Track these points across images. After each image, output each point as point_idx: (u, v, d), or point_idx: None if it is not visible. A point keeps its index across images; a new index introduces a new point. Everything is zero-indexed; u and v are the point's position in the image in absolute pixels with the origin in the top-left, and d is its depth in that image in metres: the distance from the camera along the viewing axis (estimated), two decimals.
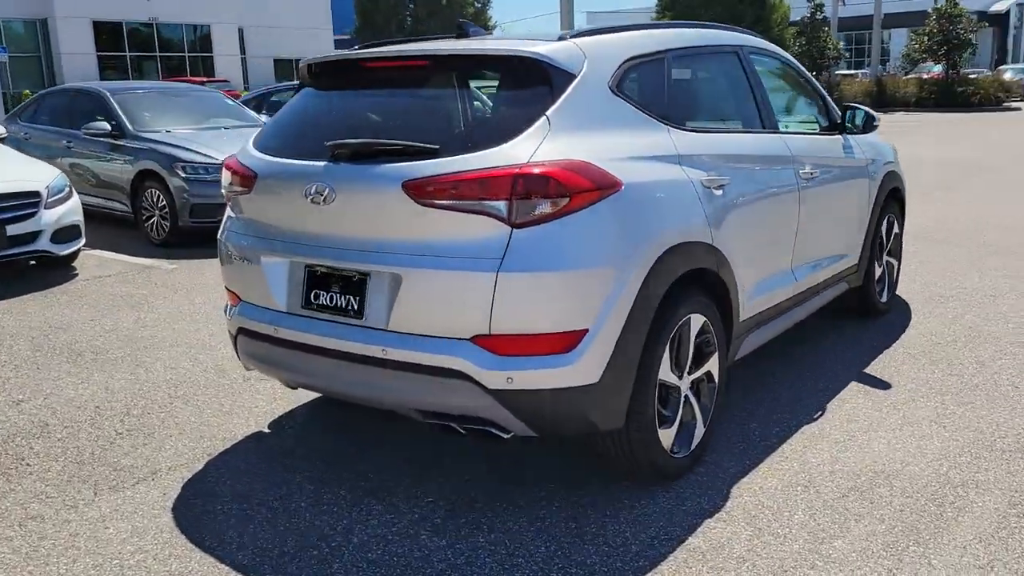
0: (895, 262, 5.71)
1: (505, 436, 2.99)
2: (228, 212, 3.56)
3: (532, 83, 3.06)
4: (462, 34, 3.50)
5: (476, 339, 2.86)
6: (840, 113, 4.81)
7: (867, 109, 4.90)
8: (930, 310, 5.73)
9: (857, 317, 5.48)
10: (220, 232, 3.59)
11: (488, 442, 3.57)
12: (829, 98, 4.90)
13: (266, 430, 4.05)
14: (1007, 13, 57.40)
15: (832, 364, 4.73)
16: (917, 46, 36.13)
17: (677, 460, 3.32)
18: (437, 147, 2.90)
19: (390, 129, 3.23)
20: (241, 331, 3.46)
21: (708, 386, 3.49)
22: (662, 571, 2.81)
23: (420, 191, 2.86)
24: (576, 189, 2.81)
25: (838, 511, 3.16)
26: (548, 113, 2.97)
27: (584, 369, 2.88)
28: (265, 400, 4.39)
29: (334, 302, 3.11)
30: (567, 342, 2.86)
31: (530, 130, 2.90)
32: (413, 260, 2.91)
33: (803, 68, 4.93)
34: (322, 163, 3.09)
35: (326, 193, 3.03)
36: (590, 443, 3.23)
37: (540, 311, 2.83)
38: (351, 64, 3.47)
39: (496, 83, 3.26)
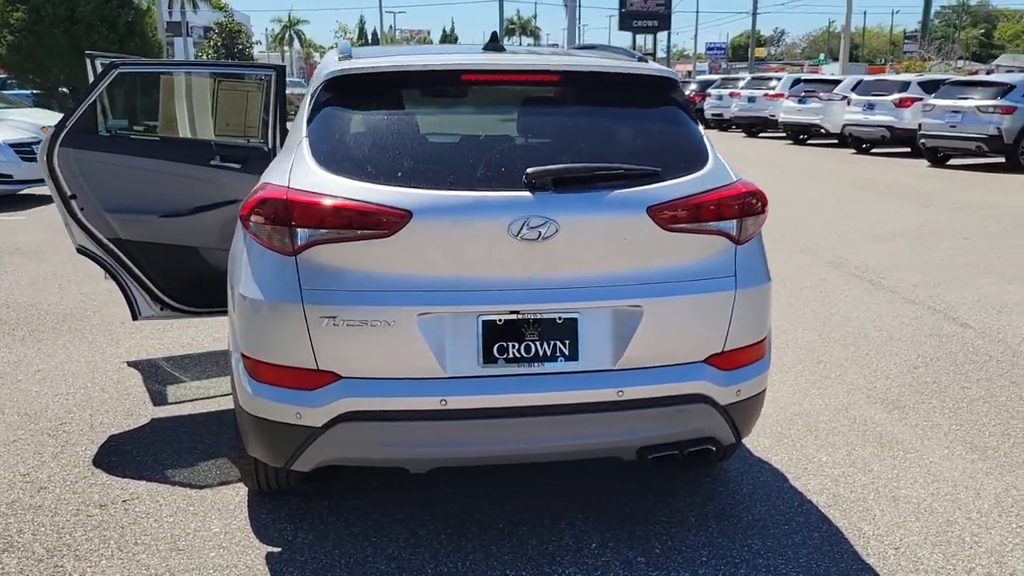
0: None
1: (714, 449, 3.10)
2: (296, 263, 2.72)
3: (671, 102, 3.17)
4: (496, 46, 3.31)
5: (710, 359, 2.92)
6: None
7: None
8: None
9: None
10: (265, 292, 2.75)
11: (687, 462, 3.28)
12: None
13: None
14: None
15: None
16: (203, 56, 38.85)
17: None
18: (660, 170, 2.88)
19: (570, 151, 2.95)
20: (349, 416, 2.74)
21: None
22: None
23: (666, 216, 2.82)
24: (766, 205, 3.04)
25: None
26: (703, 132, 3.14)
27: (768, 370, 3.15)
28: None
29: (532, 352, 2.77)
30: (764, 348, 3.11)
31: (710, 149, 3.06)
32: (655, 289, 2.83)
33: None
34: (528, 193, 2.72)
35: (544, 227, 2.71)
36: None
37: (758, 322, 3.04)
38: (461, 76, 3.06)
39: (637, 101, 3.19)
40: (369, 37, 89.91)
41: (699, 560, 3.08)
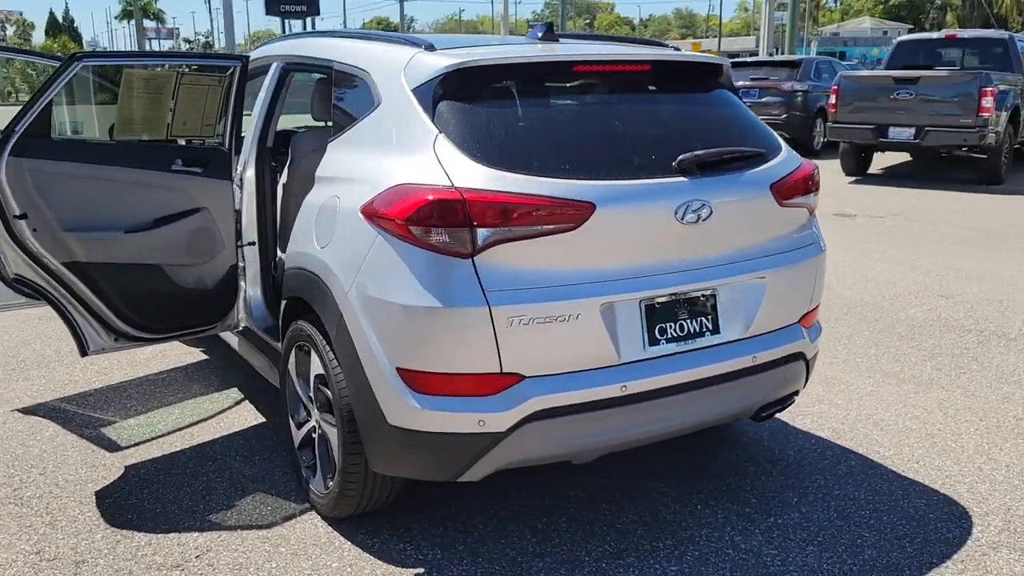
0: None
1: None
2: (474, 265, 2.63)
3: (729, 88, 3.41)
4: (552, 36, 3.38)
5: (801, 319, 3.26)
6: None
7: None
8: None
9: None
10: (441, 298, 2.61)
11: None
12: None
13: None
14: None
15: None
16: None
17: None
18: (763, 151, 3.17)
19: (692, 136, 3.10)
20: (536, 416, 2.70)
21: None
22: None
23: (782, 192, 3.11)
24: None
25: None
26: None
27: None
28: None
29: (686, 330, 2.92)
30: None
31: (774, 130, 3.37)
32: (774, 260, 3.10)
33: None
34: (684, 178, 2.88)
35: (703, 210, 2.87)
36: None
37: (823, 282, 3.39)
38: (573, 67, 3.12)
39: (708, 87, 3.35)
40: None
41: (793, 502, 3.41)
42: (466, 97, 2.88)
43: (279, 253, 4.24)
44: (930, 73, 12.12)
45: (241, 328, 4.11)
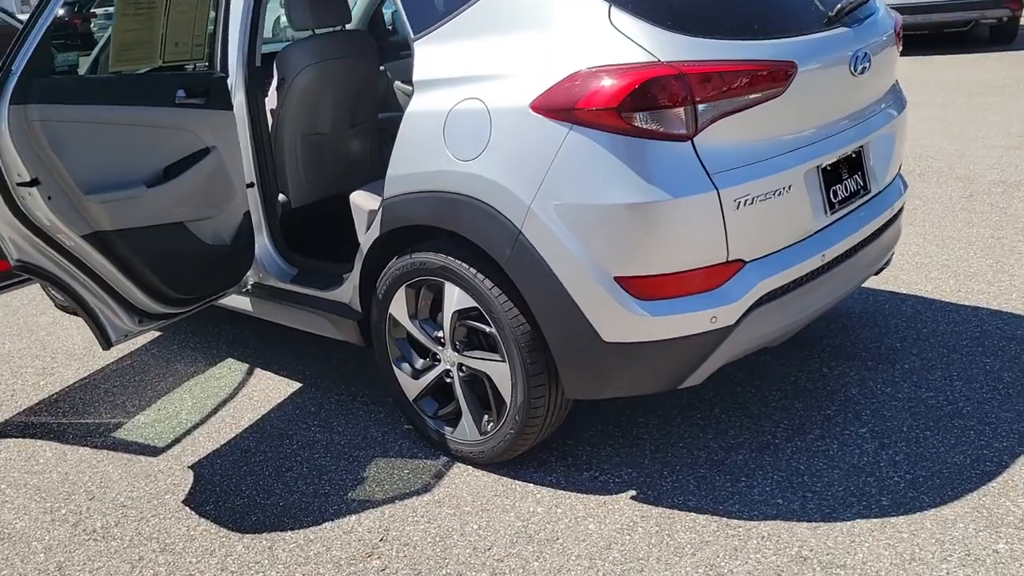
0: None
1: None
2: (694, 147, 2.37)
3: None
4: None
5: (899, 171, 3.26)
6: None
7: None
8: None
9: None
10: (668, 189, 2.33)
11: None
12: None
13: None
14: None
15: None
16: None
17: None
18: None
19: None
20: (760, 301, 2.54)
21: None
22: None
23: (898, 36, 3.08)
24: None
25: None
26: None
27: None
28: None
29: (848, 190, 2.83)
30: None
31: None
32: (897, 106, 3.10)
33: None
34: (846, 28, 2.76)
35: (866, 60, 2.75)
36: None
37: None
38: None
39: None
40: None
41: (898, 347, 3.50)
42: None
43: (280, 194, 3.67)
44: None
45: (250, 287, 3.54)
